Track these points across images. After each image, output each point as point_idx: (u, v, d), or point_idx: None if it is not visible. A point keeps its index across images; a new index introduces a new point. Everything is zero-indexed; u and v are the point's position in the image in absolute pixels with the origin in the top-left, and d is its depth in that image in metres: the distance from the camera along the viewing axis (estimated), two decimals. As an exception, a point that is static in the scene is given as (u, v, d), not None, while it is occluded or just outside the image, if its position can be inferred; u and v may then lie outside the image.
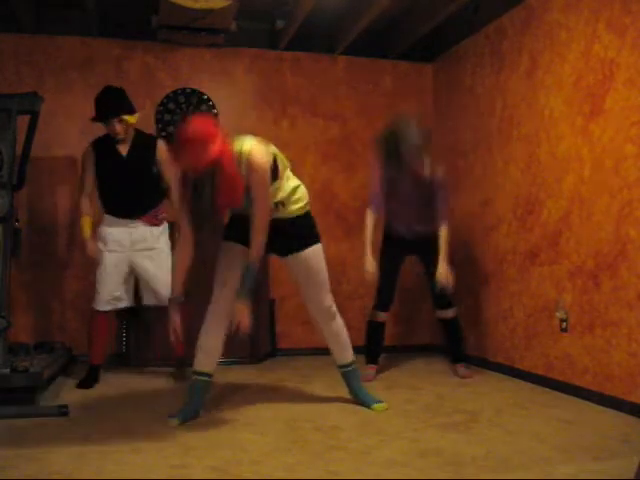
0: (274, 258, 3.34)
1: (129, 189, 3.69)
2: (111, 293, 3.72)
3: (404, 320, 5.07)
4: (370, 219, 3.87)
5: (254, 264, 2.81)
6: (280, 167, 2.90)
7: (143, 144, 3.76)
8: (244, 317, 2.75)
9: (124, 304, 3.81)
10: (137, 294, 3.90)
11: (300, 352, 4.80)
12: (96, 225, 3.78)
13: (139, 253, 3.73)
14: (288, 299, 4.88)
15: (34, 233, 4.45)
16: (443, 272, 3.78)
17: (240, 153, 2.74)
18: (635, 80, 3.04)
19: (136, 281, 3.84)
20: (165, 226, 3.87)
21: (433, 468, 2.27)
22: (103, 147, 3.75)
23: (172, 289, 2.92)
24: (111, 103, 3.70)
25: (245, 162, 2.73)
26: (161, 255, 3.75)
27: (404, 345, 5.00)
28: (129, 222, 3.71)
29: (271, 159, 2.84)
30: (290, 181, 3.00)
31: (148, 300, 3.84)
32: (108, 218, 3.74)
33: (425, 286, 4.15)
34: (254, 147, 2.78)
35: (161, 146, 3.77)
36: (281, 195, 2.93)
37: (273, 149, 2.91)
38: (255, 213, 2.80)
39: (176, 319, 2.84)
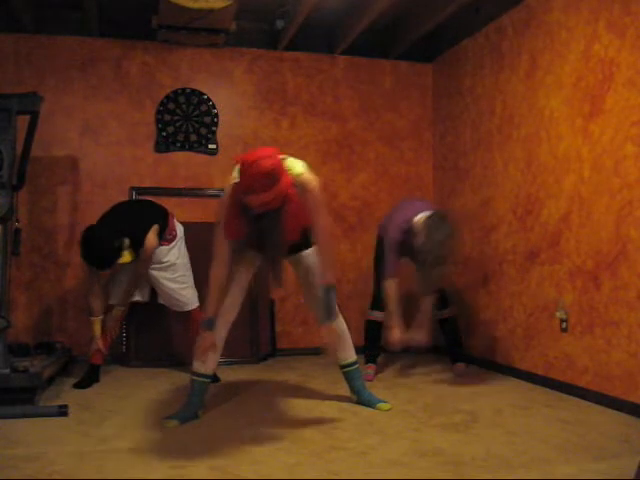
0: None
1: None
2: (116, 293, 3.84)
3: (404, 320, 5.05)
4: (391, 288, 3.63)
5: (333, 285, 2.84)
6: None
7: None
8: (333, 338, 2.84)
9: (136, 298, 3.91)
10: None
11: (300, 352, 4.80)
12: None
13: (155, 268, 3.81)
14: (288, 299, 4.89)
15: (34, 233, 4.45)
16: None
17: (295, 177, 2.73)
18: (635, 80, 3.04)
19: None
20: (177, 239, 3.89)
21: (433, 468, 2.27)
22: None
23: (207, 310, 2.86)
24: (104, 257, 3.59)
25: (300, 185, 2.74)
26: (171, 267, 3.84)
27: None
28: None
29: None
30: None
31: (162, 300, 3.95)
32: None
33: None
34: (304, 168, 2.79)
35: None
36: None
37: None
38: (319, 233, 2.81)
39: (207, 340, 2.84)
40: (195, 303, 3.89)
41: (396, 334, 3.60)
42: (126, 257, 3.60)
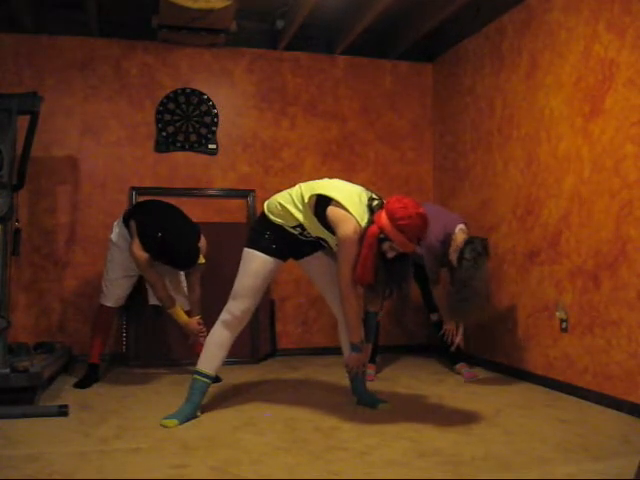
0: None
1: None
2: (119, 294, 3.81)
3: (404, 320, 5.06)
4: (440, 294, 3.94)
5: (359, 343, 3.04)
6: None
7: None
8: (360, 365, 3.10)
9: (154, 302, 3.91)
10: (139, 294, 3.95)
11: (300, 352, 4.81)
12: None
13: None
14: (288, 299, 4.89)
15: (34, 233, 4.45)
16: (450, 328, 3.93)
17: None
18: (635, 80, 3.04)
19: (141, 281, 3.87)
20: None
21: (433, 468, 2.27)
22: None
23: (354, 336, 3.03)
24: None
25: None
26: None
27: (404, 345, 5.00)
28: None
29: None
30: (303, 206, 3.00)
31: (153, 300, 3.87)
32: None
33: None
34: None
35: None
36: (307, 223, 2.96)
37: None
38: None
39: (361, 359, 3.11)
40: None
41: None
42: (201, 259, 3.64)
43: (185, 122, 4.79)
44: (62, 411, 2.94)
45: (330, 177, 4.93)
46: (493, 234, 4.27)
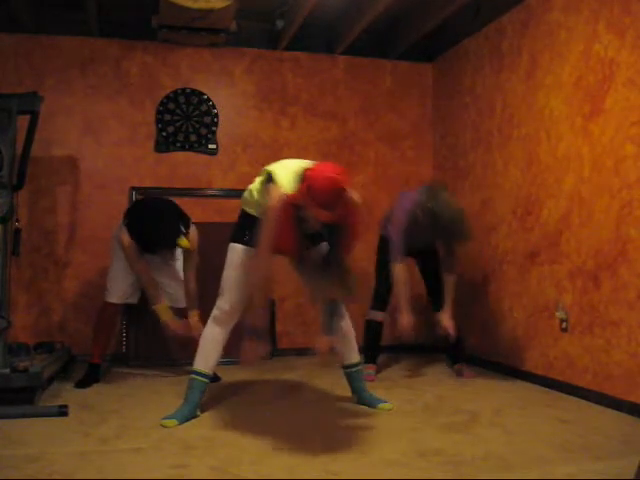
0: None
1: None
2: (124, 289, 3.81)
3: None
4: (400, 272, 3.64)
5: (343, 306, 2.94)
6: None
7: None
8: (326, 347, 2.90)
9: (133, 300, 3.91)
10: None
11: (300, 352, 4.80)
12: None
13: (159, 260, 3.81)
14: (288, 299, 4.88)
15: (34, 233, 4.45)
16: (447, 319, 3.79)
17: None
18: (635, 80, 3.04)
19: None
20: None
21: (433, 468, 2.27)
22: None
23: (256, 320, 2.79)
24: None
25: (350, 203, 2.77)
26: (177, 265, 3.88)
27: (404, 345, 4.99)
28: None
29: None
30: None
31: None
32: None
33: (423, 286, 4.17)
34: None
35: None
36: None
37: None
38: (347, 252, 2.84)
39: (259, 347, 2.85)
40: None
41: (405, 318, 3.65)
42: (184, 241, 3.60)
43: (185, 122, 4.79)
44: (62, 411, 2.94)
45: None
46: (493, 234, 4.27)
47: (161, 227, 3.53)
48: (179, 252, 3.88)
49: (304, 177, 2.60)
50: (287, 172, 2.73)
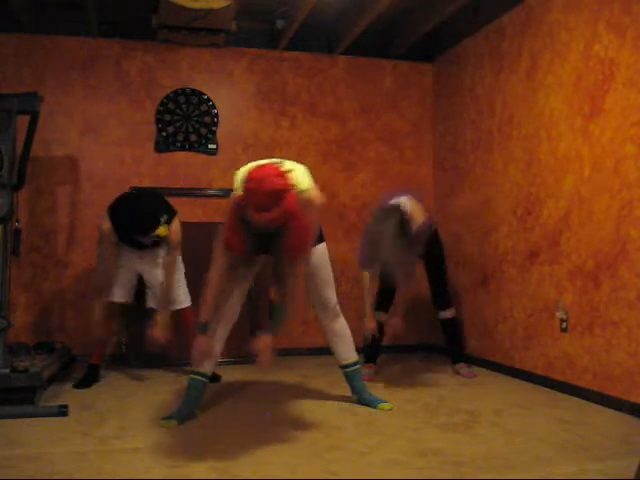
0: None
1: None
2: (121, 288, 3.79)
3: (403, 320, 5.05)
4: (365, 279, 3.80)
5: (289, 305, 2.82)
6: None
7: None
8: (268, 351, 2.73)
9: (127, 300, 3.87)
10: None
11: (300, 352, 4.80)
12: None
13: (147, 260, 3.76)
14: (288, 299, 4.88)
15: (34, 233, 4.45)
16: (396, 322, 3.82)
17: (300, 192, 2.71)
18: (635, 80, 3.03)
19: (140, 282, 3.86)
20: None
21: (433, 468, 2.27)
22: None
23: (202, 314, 2.82)
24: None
25: (303, 201, 2.72)
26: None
27: (404, 345, 5.00)
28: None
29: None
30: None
31: (151, 303, 3.83)
32: None
33: (424, 286, 4.17)
34: (309, 184, 2.80)
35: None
36: None
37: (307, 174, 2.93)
38: (291, 256, 2.74)
39: (202, 344, 2.81)
40: (186, 303, 3.85)
41: (367, 323, 3.79)
42: (162, 230, 3.53)
43: (185, 122, 4.79)
44: (62, 411, 2.94)
45: (330, 177, 5.01)
46: (493, 234, 4.27)
47: (138, 214, 3.51)
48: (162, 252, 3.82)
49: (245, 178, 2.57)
50: (241, 172, 2.74)
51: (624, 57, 3.10)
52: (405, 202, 3.62)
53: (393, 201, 3.67)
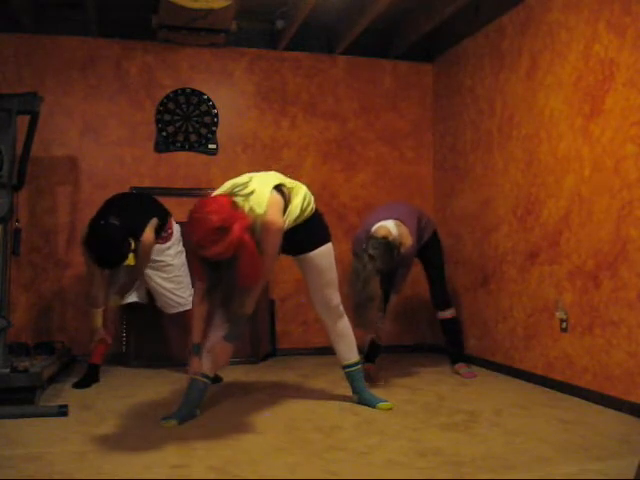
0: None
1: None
2: (137, 288, 3.87)
3: (403, 320, 5.06)
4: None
5: (246, 316, 2.84)
6: (287, 196, 2.90)
7: None
8: (226, 357, 2.87)
9: (134, 299, 3.93)
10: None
11: (300, 352, 4.81)
12: None
13: (149, 266, 3.78)
14: (288, 299, 4.89)
15: (34, 233, 4.45)
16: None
17: (255, 218, 2.70)
18: (635, 80, 3.03)
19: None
20: (174, 238, 3.85)
21: (433, 468, 2.27)
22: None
23: (192, 337, 2.89)
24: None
25: (260, 225, 2.72)
26: (167, 268, 3.80)
27: (404, 345, 5.00)
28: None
29: (282, 204, 2.83)
30: (296, 198, 2.96)
31: (158, 303, 3.93)
32: None
33: (424, 285, 4.17)
34: (270, 207, 2.73)
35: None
36: (294, 215, 2.93)
37: (279, 179, 2.92)
38: (260, 275, 2.74)
39: (195, 366, 2.87)
40: (191, 304, 3.86)
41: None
42: (131, 260, 3.57)
43: (185, 122, 4.79)
44: (62, 411, 2.93)
45: (330, 178, 5.01)
46: (493, 234, 4.27)
47: (103, 253, 3.48)
48: (172, 252, 3.82)
49: None
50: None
51: (624, 57, 3.10)
52: (392, 229, 3.61)
53: (378, 225, 3.64)
